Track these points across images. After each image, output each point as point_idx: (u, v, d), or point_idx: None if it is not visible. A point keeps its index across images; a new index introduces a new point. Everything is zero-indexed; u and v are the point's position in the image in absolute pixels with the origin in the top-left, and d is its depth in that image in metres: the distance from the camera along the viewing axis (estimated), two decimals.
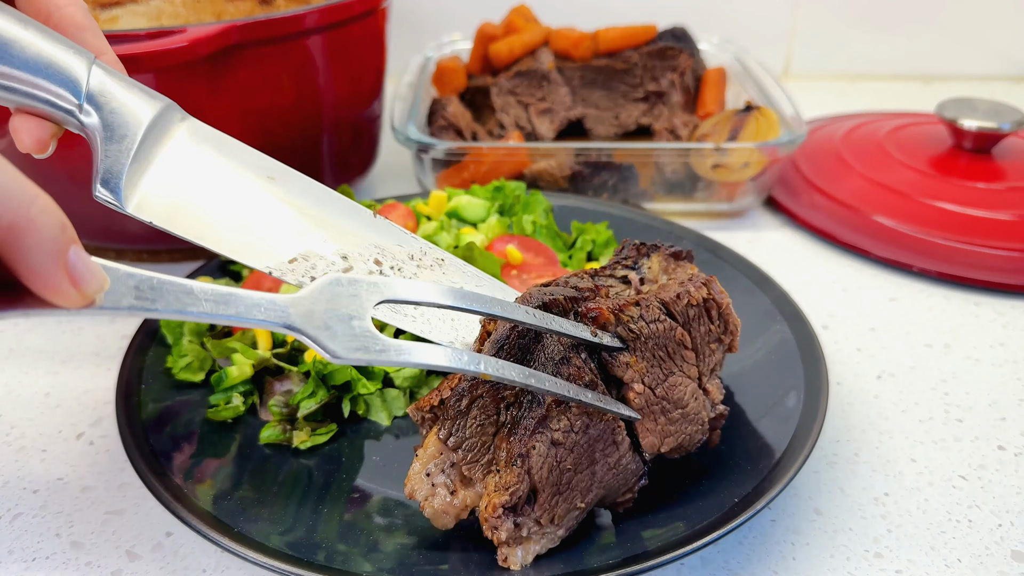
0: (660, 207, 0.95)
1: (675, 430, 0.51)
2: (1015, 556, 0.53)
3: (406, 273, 0.57)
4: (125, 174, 0.50)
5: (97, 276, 0.36)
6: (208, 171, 0.54)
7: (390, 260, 0.57)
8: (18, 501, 0.57)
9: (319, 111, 0.84)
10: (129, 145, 0.50)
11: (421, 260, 0.58)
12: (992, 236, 0.84)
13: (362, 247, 0.56)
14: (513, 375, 0.45)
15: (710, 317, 0.54)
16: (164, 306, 0.39)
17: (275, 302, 0.41)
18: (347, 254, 0.55)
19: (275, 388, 0.61)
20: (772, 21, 1.40)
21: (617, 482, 0.50)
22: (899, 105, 1.30)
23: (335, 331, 0.42)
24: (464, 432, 0.48)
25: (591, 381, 0.48)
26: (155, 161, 0.52)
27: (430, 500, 0.48)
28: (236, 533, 0.48)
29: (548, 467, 0.46)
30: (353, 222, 0.57)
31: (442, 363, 0.43)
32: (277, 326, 0.41)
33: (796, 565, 0.53)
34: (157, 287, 0.39)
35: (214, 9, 1.02)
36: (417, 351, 0.43)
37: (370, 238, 0.57)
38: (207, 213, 0.53)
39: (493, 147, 0.91)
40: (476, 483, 0.48)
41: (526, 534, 0.46)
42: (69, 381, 0.70)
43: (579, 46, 1.03)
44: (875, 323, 0.77)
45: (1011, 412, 0.66)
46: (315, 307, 0.42)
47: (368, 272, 0.56)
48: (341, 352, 0.42)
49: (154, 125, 0.51)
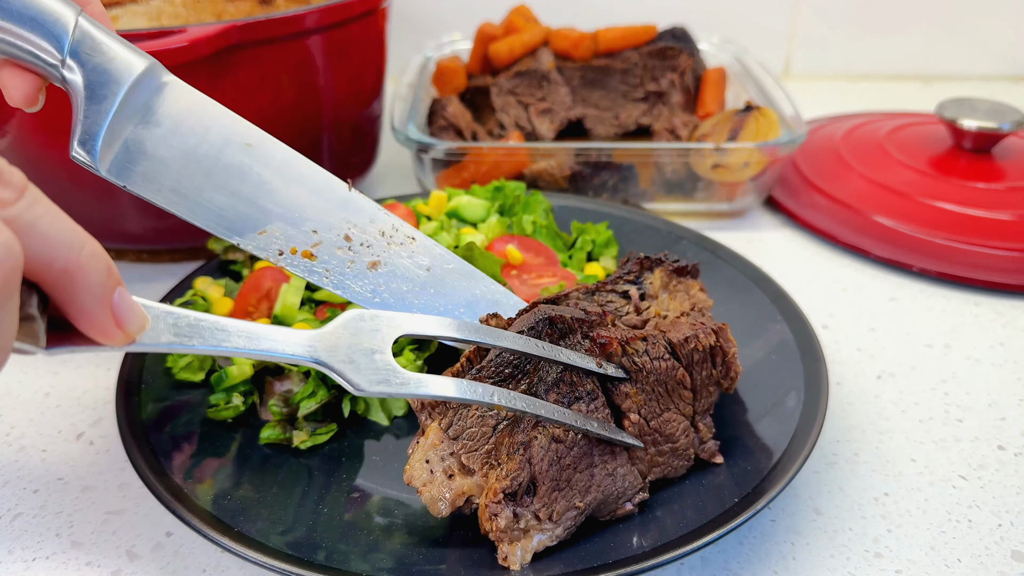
0: (660, 207, 0.95)
1: (663, 462, 0.53)
2: (1015, 556, 0.53)
3: (375, 250, 0.57)
4: (102, 135, 0.50)
5: (139, 316, 0.38)
6: (186, 137, 0.53)
7: (360, 236, 0.57)
8: (18, 501, 0.57)
9: (319, 111, 0.84)
10: (108, 106, 0.50)
11: (392, 237, 0.58)
12: (992, 236, 0.84)
13: (334, 222, 0.56)
14: (523, 406, 0.47)
15: (714, 363, 0.55)
16: (201, 343, 0.41)
17: (303, 338, 0.43)
18: (317, 228, 0.55)
19: (275, 388, 0.61)
20: (772, 21, 1.40)
21: (615, 490, 0.50)
22: (899, 105, 1.30)
23: (359, 364, 0.44)
24: (465, 422, 0.49)
25: (591, 390, 0.49)
26: (133, 124, 0.52)
27: (428, 487, 0.48)
28: (236, 533, 0.48)
29: (548, 460, 0.47)
30: (327, 196, 0.56)
31: (456, 395, 0.45)
32: (307, 361, 0.43)
33: (796, 565, 0.53)
34: (194, 324, 0.41)
35: (214, 9, 1.02)
36: (434, 384, 0.45)
37: (343, 213, 0.57)
38: (181, 181, 0.53)
39: (493, 147, 0.91)
40: (475, 472, 0.48)
41: (523, 526, 0.47)
42: (69, 381, 0.70)
43: (579, 46, 1.03)
44: (875, 323, 0.77)
45: (1011, 412, 0.66)
46: (340, 342, 0.44)
47: (336, 248, 0.56)
48: (364, 385, 0.43)
49: (135, 86, 0.51)
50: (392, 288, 0.58)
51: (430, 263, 0.59)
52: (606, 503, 0.50)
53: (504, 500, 0.46)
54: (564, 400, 0.48)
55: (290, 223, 0.55)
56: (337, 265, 0.57)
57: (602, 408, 0.50)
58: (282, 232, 0.55)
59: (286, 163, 0.56)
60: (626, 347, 0.51)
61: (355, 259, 0.57)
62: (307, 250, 0.56)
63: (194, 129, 0.54)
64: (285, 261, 0.56)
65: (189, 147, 0.53)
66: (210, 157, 0.54)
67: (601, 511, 0.50)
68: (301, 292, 0.66)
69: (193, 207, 0.53)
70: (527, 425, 0.48)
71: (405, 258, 0.59)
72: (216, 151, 0.54)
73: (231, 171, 0.54)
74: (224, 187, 0.54)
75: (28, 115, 0.72)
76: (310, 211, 0.56)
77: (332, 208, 0.57)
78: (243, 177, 0.54)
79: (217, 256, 0.75)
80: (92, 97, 0.49)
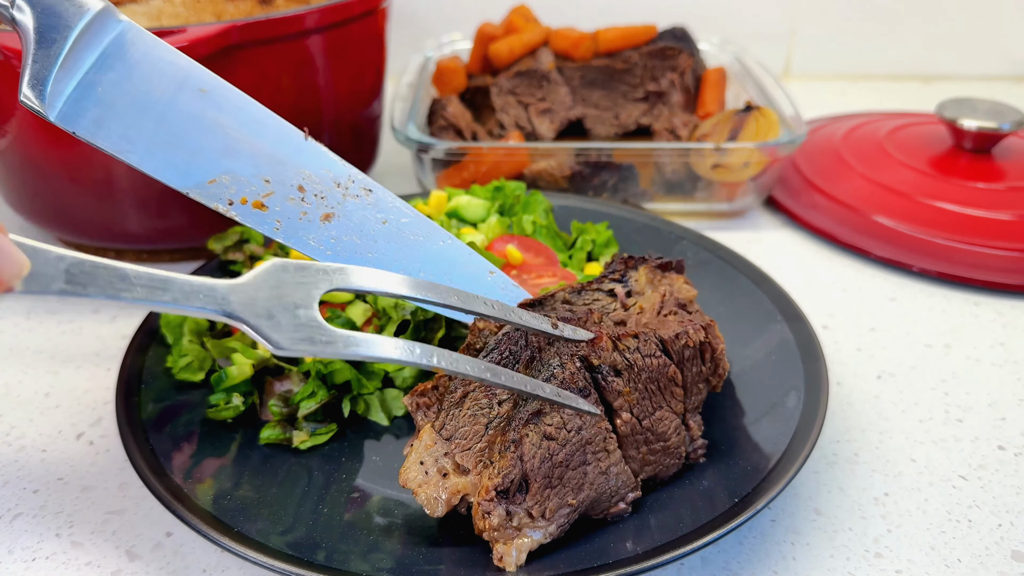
0: (660, 207, 0.95)
1: (654, 460, 0.53)
2: (1015, 556, 0.53)
3: (330, 202, 0.55)
4: (51, 80, 0.49)
5: (15, 262, 0.35)
6: (138, 82, 0.52)
7: (314, 187, 0.55)
8: (18, 501, 0.57)
9: (319, 111, 0.84)
10: (58, 49, 0.48)
11: (348, 189, 0.56)
12: (992, 236, 0.84)
13: (287, 172, 0.54)
14: (468, 369, 0.44)
15: (703, 359, 0.55)
16: (96, 291, 0.37)
17: (215, 288, 0.40)
18: (270, 178, 0.54)
19: (275, 388, 0.61)
20: (772, 21, 1.40)
21: (608, 488, 0.50)
22: (899, 105, 1.30)
23: (279, 321, 0.40)
24: (457, 422, 0.49)
25: (584, 387, 0.49)
26: (83, 68, 0.50)
27: (424, 487, 0.48)
28: (236, 533, 0.48)
29: (540, 457, 0.47)
30: (282, 144, 0.55)
31: (393, 356, 0.42)
32: (216, 314, 0.40)
33: (796, 565, 0.53)
34: (90, 271, 0.37)
35: (214, 9, 1.02)
36: (367, 343, 0.41)
37: (297, 162, 0.55)
38: (132, 127, 0.51)
39: (493, 147, 0.91)
40: (470, 471, 0.48)
41: (516, 524, 0.47)
42: (69, 381, 0.70)
43: (579, 46, 1.03)
44: (875, 323, 0.77)
45: (1011, 412, 0.66)
46: (258, 294, 0.40)
47: (289, 198, 0.54)
48: (284, 343, 0.40)
49: (87, 29, 0.50)
50: (347, 241, 0.56)
51: (387, 216, 0.57)
52: (599, 501, 0.50)
53: (496, 498, 0.46)
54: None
55: (242, 172, 0.53)
56: (289, 216, 0.54)
57: (596, 405, 0.50)
58: (233, 181, 0.53)
59: (240, 109, 0.54)
60: (617, 343, 0.51)
61: (308, 210, 0.55)
62: (258, 200, 0.54)
63: (147, 74, 0.52)
64: (236, 211, 0.53)
65: (141, 93, 0.52)
66: (163, 103, 0.52)
67: (594, 509, 0.50)
68: None
69: (144, 155, 0.51)
70: (518, 423, 0.47)
71: (361, 210, 0.56)
72: (169, 97, 0.52)
73: (184, 118, 0.52)
74: (176, 134, 0.52)
75: (28, 115, 0.72)
76: (263, 160, 0.54)
77: (286, 157, 0.55)
78: (195, 124, 0.53)
79: (217, 256, 0.75)
80: (42, 40, 0.48)
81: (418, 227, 0.58)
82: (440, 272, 0.57)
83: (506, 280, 0.59)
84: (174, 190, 0.82)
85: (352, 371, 0.60)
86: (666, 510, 0.51)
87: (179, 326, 0.65)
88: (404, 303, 0.62)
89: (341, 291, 0.43)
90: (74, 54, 0.49)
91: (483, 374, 0.44)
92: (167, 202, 0.79)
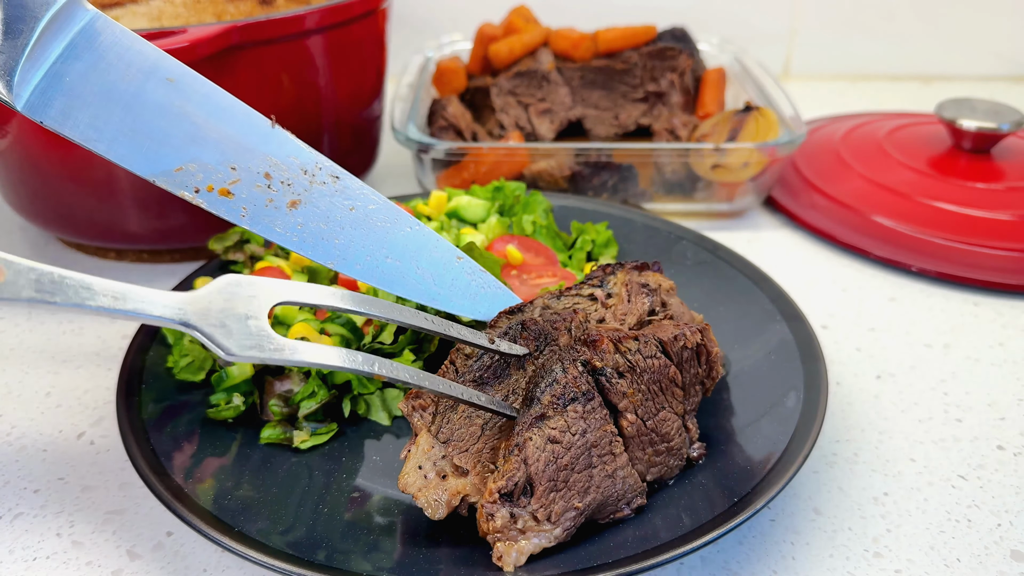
0: (660, 207, 0.95)
1: (660, 461, 0.53)
2: (1014, 556, 0.53)
3: (296, 188, 0.55)
4: (19, 70, 0.49)
5: None
6: (106, 72, 0.52)
7: (281, 174, 0.55)
8: (19, 501, 0.58)
9: (319, 111, 0.84)
10: (25, 40, 0.49)
11: (315, 176, 0.56)
12: (991, 236, 0.85)
13: (253, 159, 0.55)
14: (405, 376, 0.46)
15: (699, 361, 0.56)
16: (64, 299, 0.41)
17: (172, 299, 0.43)
18: (236, 165, 0.54)
19: (275, 388, 0.62)
20: (772, 21, 1.40)
21: (615, 491, 0.50)
22: (898, 105, 1.30)
23: (231, 329, 0.43)
24: (453, 425, 0.50)
25: (587, 391, 0.50)
26: (51, 58, 0.50)
27: (423, 491, 0.49)
28: (237, 533, 0.48)
29: (544, 460, 0.47)
30: (248, 132, 0.55)
31: (335, 363, 0.45)
32: (174, 323, 0.43)
33: (795, 565, 0.53)
34: (58, 281, 0.41)
35: (215, 10, 1.02)
36: (310, 351, 0.44)
37: (264, 150, 0.55)
38: (99, 117, 0.51)
39: (493, 147, 0.91)
40: (469, 472, 0.49)
41: (521, 526, 0.47)
42: (70, 381, 0.70)
43: (579, 47, 1.03)
44: (874, 323, 0.78)
45: (1010, 412, 0.66)
46: (212, 305, 0.44)
47: (255, 185, 0.55)
48: (235, 350, 0.43)
49: (54, 19, 0.50)
50: (313, 228, 0.56)
51: (354, 203, 0.57)
52: (605, 505, 0.50)
53: (500, 500, 0.46)
54: (559, 402, 0.49)
55: (208, 160, 0.53)
56: (255, 203, 0.55)
57: (599, 408, 0.50)
58: (199, 168, 0.53)
59: (207, 98, 0.54)
60: (619, 345, 0.52)
61: (275, 197, 0.55)
62: (224, 187, 0.54)
63: (114, 64, 0.52)
64: (202, 198, 0.54)
65: (109, 83, 0.52)
66: (130, 92, 0.52)
67: (601, 513, 0.50)
68: None
69: (111, 143, 0.52)
70: (522, 428, 0.48)
71: (328, 197, 0.56)
72: (136, 86, 0.52)
73: (151, 107, 0.53)
74: (143, 123, 0.52)
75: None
76: (230, 147, 0.54)
77: (252, 144, 0.55)
78: (162, 112, 0.53)
79: (218, 256, 0.75)
80: (8, 31, 0.48)
81: (385, 214, 0.58)
82: (407, 258, 0.57)
83: (473, 266, 0.59)
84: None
85: None
86: (666, 510, 0.51)
87: None
88: (403, 303, 0.62)
89: (289, 304, 0.46)
90: (41, 44, 0.50)
91: (420, 382, 0.47)
92: (168, 202, 0.79)
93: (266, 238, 0.56)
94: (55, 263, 0.86)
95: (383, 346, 0.62)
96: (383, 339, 0.62)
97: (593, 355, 0.51)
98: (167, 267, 0.86)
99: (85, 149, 0.52)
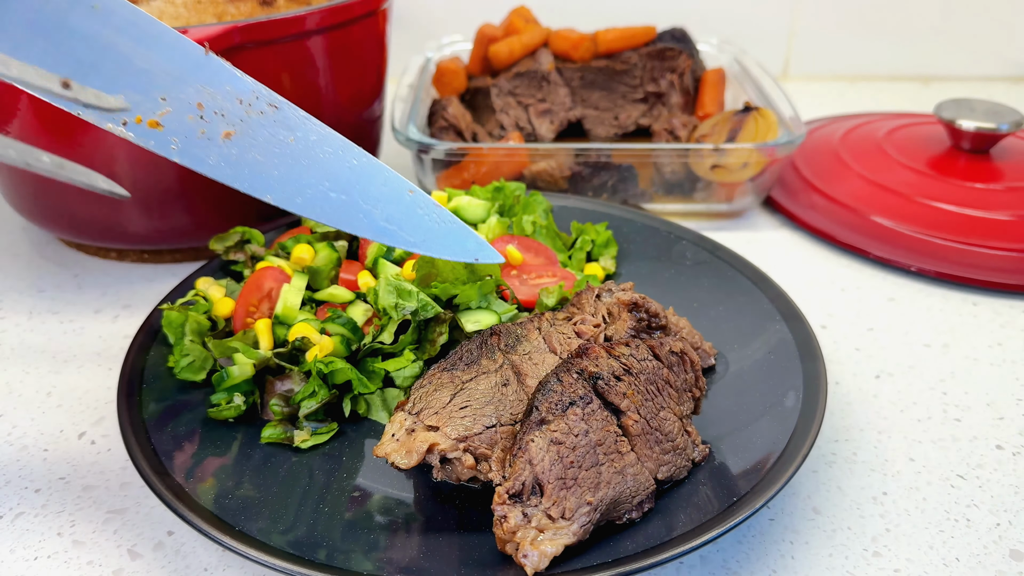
0: (659, 207, 0.95)
1: (668, 460, 0.53)
2: (1013, 555, 0.53)
3: (231, 119, 0.53)
4: None
5: None
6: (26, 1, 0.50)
7: (214, 103, 0.53)
8: (20, 500, 0.58)
9: (320, 112, 0.84)
10: None
11: (251, 105, 0.54)
12: (990, 236, 0.85)
13: (185, 88, 0.52)
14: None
15: (685, 368, 0.57)
16: None
17: None
18: (166, 96, 0.52)
19: (276, 388, 0.62)
20: (772, 21, 1.40)
21: (627, 488, 0.50)
22: (898, 105, 1.30)
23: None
24: (424, 400, 0.54)
25: (584, 394, 0.50)
26: None
27: (396, 451, 0.51)
28: (237, 532, 0.49)
29: (549, 460, 0.48)
30: (179, 60, 0.53)
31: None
32: None
33: (795, 564, 0.53)
34: None
35: (215, 10, 1.03)
36: None
37: (196, 79, 0.53)
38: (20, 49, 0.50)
39: (493, 148, 0.91)
40: (439, 429, 0.52)
41: (536, 525, 0.47)
42: (71, 380, 0.70)
43: (579, 47, 1.03)
44: (873, 323, 0.78)
45: (1009, 411, 0.66)
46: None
47: (187, 116, 0.52)
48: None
49: None
50: (248, 159, 0.53)
51: (294, 134, 0.54)
52: (619, 502, 0.50)
53: (510, 501, 0.47)
54: (557, 407, 0.49)
55: (136, 90, 0.51)
56: (187, 134, 0.52)
57: (600, 410, 0.50)
58: (128, 100, 0.51)
59: (135, 25, 0.52)
60: (611, 351, 0.53)
61: (207, 128, 0.53)
62: (153, 119, 0.52)
63: None
64: (131, 130, 0.51)
65: (31, 11, 0.50)
66: (52, 22, 0.50)
67: (615, 511, 0.50)
68: (302, 292, 0.66)
69: (34, 78, 0.50)
70: (523, 432, 0.49)
71: (266, 127, 0.54)
72: (59, 15, 0.51)
73: (74, 36, 0.51)
74: (65, 54, 0.50)
75: (28, 115, 0.72)
76: (159, 76, 0.52)
77: (184, 73, 0.52)
78: (87, 42, 0.51)
79: (218, 256, 0.75)
80: None
81: (329, 144, 0.55)
82: (354, 191, 0.55)
83: (426, 200, 0.55)
84: (174, 190, 0.82)
85: (353, 371, 0.60)
86: (665, 509, 0.51)
87: (181, 326, 0.65)
88: (404, 303, 0.62)
89: None
90: None
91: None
92: (168, 202, 0.79)
93: (198, 171, 0.53)
94: (56, 263, 0.87)
95: (383, 346, 0.62)
96: (383, 339, 0.62)
97: (588, 363, 0.52)
98: (168, 267, 0.86)
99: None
